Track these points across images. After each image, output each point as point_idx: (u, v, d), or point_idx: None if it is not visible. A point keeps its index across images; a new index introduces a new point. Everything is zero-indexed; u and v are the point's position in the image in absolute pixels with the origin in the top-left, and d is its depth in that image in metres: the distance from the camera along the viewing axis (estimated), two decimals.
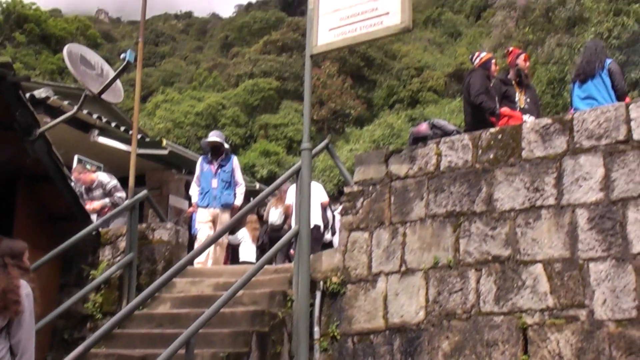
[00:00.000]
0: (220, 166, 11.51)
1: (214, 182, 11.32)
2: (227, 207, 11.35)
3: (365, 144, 45.91)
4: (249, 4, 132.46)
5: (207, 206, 11.31)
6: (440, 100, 57.10)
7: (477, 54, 10.02)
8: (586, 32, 25.28)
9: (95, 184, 11.78)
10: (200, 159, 11.86)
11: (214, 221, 11.24)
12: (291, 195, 11.75)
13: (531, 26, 31.24)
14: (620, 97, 8.21)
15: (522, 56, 9.70)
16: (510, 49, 10.25)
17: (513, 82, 9.59)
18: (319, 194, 11.98)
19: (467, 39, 72.09)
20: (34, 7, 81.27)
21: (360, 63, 66.20)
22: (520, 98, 9.32)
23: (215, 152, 11.60)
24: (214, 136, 11.80)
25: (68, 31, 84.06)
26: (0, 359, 5.20)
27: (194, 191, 11.73)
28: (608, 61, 8.49)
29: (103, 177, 11.91)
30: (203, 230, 11.18)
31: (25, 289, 5.43)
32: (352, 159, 14.52)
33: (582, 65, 8.67)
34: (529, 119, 8.76)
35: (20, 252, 5.69)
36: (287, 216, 12.72)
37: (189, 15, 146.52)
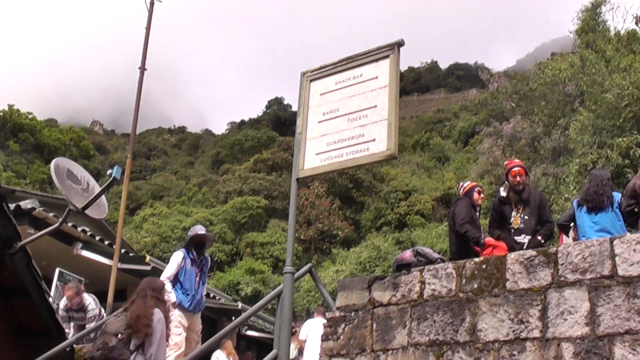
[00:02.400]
0: (203, 266, 10.83)
1: (197, 284, 10.55)
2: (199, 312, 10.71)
3: (352, 266, 45.88)
4: (242, 122, 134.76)
5: (192, 310, 10.48)
6: (428, 224, 57.44)
7: (461, 183, 10.07)
8: (571, 163, 25.65)
9: (79, 306, 11.64)
10: (182, 253, 10.74)
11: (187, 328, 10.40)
12: (305, 330, 11.54)
13: (517, 155, 31.72)
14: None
15: (515, 169, 9.51)
16: (506, 162, 10.06)
17: (510, 200, 9.49)
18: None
19: (454, 164, 73.20)
20: (30, 116, 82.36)
21: (349, 185, 66.89)
22: (516, 217, 9.18)
23: (200, 249, 10.86)
24: (203, 230, 11.08)
25: (62, 141, 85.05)
26: None
27: (171, 289, 10.24)
28: (618, 195, 8.51)
29: (90, 303, 11.78)
30: (182, 336, 10.19)
31: (158, 315, 7.10)
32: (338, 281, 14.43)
33: (591, 194, 8.67)
34: (524, 239, 8.74)
35: (159, 287, 7.64)
36: (300, 351, 12.51)
37: (182, 130, 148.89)
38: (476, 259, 7.39)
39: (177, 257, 10.67)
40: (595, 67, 29.76)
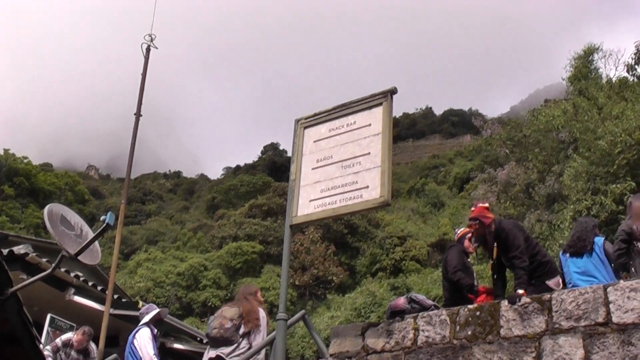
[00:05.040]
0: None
1: None
2: None
3: (347, 312, 45.67)
4: (237, 167, 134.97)
5: None
6: (423, 270, 57.35)
7: (456, 230, 10.10)
8: (565, 210, 25.67)
9: (82, 349, 11.67)
10: (153, 333, 10.72)
11: None
12: None
13: (512, 201, 31.78)
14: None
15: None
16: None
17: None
18: None
19: (450, 209, 73.22)
20: (25, 160, 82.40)
21: (344, 230, 66.86)
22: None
23: (159, 326, 11.01)
24: (165, 312, 11.26)
25: (57, 186, 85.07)
26: (243, 351, 8.29)
27: None
28: (600, 240, 8.52)
29: (94, 350, 11.81)
30: None
31: (262, 313, 8.70)
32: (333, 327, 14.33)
33: (574, 240, 8.72)
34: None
35: (254, 291, 9.21)
36: None
37: (177, 175, 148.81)
38: (470, 306, 7.39)
39: (148, 333, 10.60)
40: (587, 114, 29.92)
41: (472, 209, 8.94)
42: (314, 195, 7.91)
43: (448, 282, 9.14)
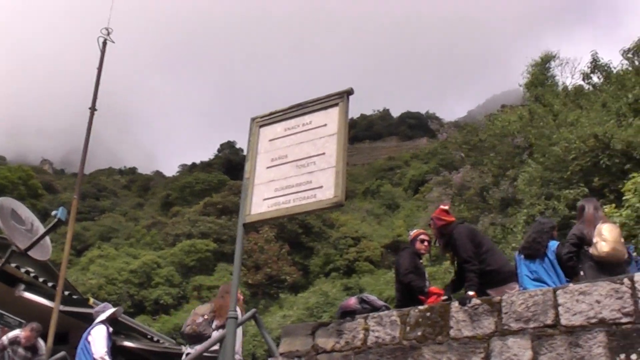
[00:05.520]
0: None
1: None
2: None
3: (299, 311, 45.69)
4: (193, 165, 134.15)
5: None
6: (376, 271, 57.58)
7: (410, 231, 10.16)
8: (519, 214, 25.94)
9: (30, 345, 11.53)
10: (105, 327, 10.85)
11: None
12: None
13: (466, 204, 32.05)
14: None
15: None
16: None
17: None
18: None
19: (404, 211, 73.56)
20: None
21: (299, 230, 66.88)
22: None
23: (114, 325, 11.13)
24: (119, 310, 11.34)
25: (10, 180, 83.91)
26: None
27: None
28: (554, 244, 8.55)
29: (42, 347, 11.68)
30: None
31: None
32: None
33: (529, 241, 8.70)
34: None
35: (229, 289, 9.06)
36: None
37: (132, 171, 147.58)
38: (420, 307, 7.43)
39: (104, 331, 10.72)
40: (543, 120, 30.29)
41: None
42: (267, 194, 7.89)
43: (399, 284, 9.20)
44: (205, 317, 8.78)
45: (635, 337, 6.19)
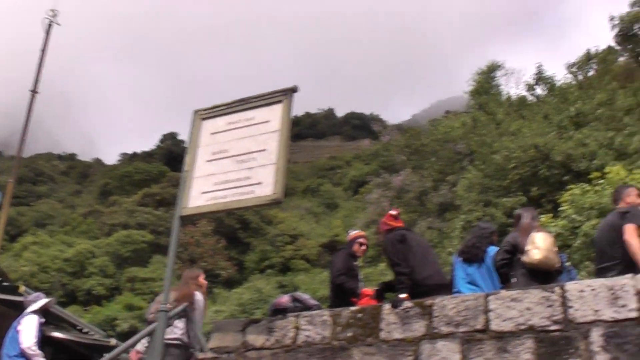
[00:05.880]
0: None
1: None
2: None
3: (232, 307, 45.57)
4: (134, 154, 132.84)
5: None
6: (312, 270, 57.66)
7: (349, 232, 10.19)
8: (456, 219, 26.21)
9: None
10: (36, 317, 10.78)
11: None
12: None
13: (405, 207, 32.27)
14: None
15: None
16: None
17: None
18: None
19: (343, 211, 73.76)
20: None
21: (236, 225, 66.64)
22: None
23: (47, 316, 11.08)
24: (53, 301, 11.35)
25: None
26: (180, 334, 8.70)
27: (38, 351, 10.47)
28: (493, 249, 8.57)
29: None
30: None
31: (199, 295, 9.16)
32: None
33: (469, 245, 8.70)
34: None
35: (196, 275, 9.72)
36: None
37: (72, 157, 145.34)
38: (352, 308, 7.43)
39: (35, 321, 10.63)
40: (486, 128, 30.65)
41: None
42: (206, 188, 7.84)
43: (332, 284, 9.22)
44: (168, 306, 8.60)
45: (563, 344, 6.28)
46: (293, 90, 7.91)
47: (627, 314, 6.18)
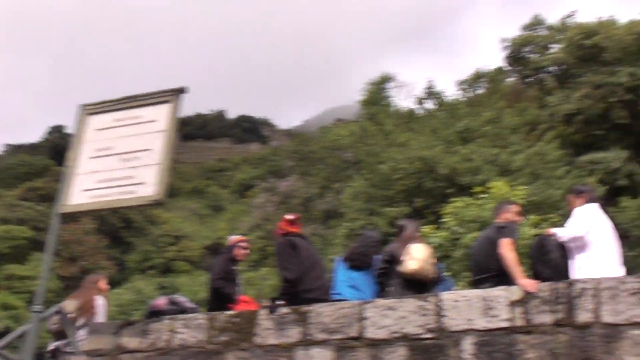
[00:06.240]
0: None
1: None
2: None
3: (111, 308, 44.48)
4: (19, 146, 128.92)
5: None
6: (194, 272, 57.16)
7: (230, 236, 10.15)
8: (340, 227, 26.43)
9: None
10: None
11: None
12: None
13: (290, 212, 32.37)
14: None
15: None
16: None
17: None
18: None
19: (229, 214, 73.36)
20: None
21: (119, 224, 65.48)
22: None
23: None
24: None
25: None
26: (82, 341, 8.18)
27: None
28: (378, 258, 8.62)
29: None
30: None
31: (100, 300, 9.21)
32: None
33: (357, 253, 8.73)
34: None
35: (96, 280, 9.77)
36: None
37: None
38: (229, 312, 7.43)
39: None
40: (374, 138, 30.99)
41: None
42: (88, 185, 7.71)
43: (211, 288, 9.19)
44: (71, 315, 8.49)
45: (435, 352, 6.46)
46: (181, 90, 7.88)
47: (499, 323, 6.41)
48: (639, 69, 33.55)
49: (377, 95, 38.22)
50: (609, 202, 29.73)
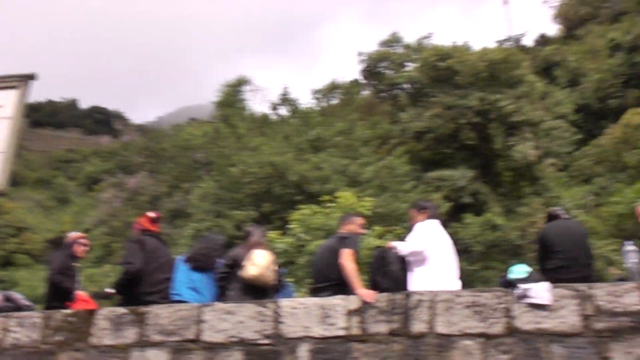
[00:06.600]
0: None
1: None
2: None
3: None
4: None
5: None
6: (35, 266, 55.36)
7: (70, 233, 9.92)
8: (187, 227, 26.26)
9: None
10: None
11: None
12: None
13: (137, 210, 31.92)
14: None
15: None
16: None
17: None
18: None
19: (75, 207, 71.57)
20: None
21: None
22: None
23: None
24: None
25: None
26: None
27: None
28: (221, 262, 8.56)
29: None
30: None
31: None
32: None
33: (200, 254, 8.63)
34: None
35: None
36: None
37: None
38: (66, 311, 7.27)
39: None
40: (226, 140, 30.95)
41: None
42: None
43: (49, 283, 8.94)
44: None
45: (271, 357, 6.58)
46: (31, 77, 7.68)
47: (336, 331, 6.58)
48: (488, 94, 34.99)
49: (232, 97, 38.18)
50: (453, 218, 31.01)
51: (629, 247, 8.03)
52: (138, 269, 7.91)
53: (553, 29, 77.57)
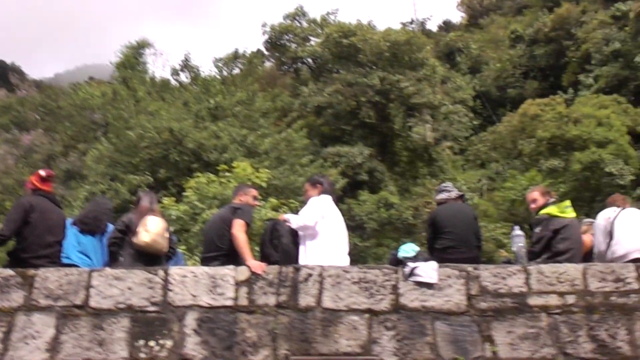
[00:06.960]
0: None
1: None
2: None
3: None
4: None
5: None
6: None
7: None
8: (81, 189, 25.81)
9: None
10: None
11: None
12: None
13: (30, 168, 31.16)
14: None
15: None
16: None
17: None
18: None
19: None
20: None
21: None
22: None
23: None
24: None
25: None
26: None
27: None
28: (111, 227, 8.45)
29: None
30: None
31: None
32: None
33: (90, 217, 8.49)
34: None
35: None
36: None
37: None
38: None
39: None
40: (125, 103, 30.46)
41: None
42: None
43: None
44: None
45: (158, 325, 6.60)
46: None
47: (224, 301, 6.68)
48: (390, 74, 35.47)
49: (133, 60, 37.54)
50: (349, 194, 31.43)
51: (517, 231, 8.34)
52: (7, 237, 7.63)
53: (457, 17, 78.76)
